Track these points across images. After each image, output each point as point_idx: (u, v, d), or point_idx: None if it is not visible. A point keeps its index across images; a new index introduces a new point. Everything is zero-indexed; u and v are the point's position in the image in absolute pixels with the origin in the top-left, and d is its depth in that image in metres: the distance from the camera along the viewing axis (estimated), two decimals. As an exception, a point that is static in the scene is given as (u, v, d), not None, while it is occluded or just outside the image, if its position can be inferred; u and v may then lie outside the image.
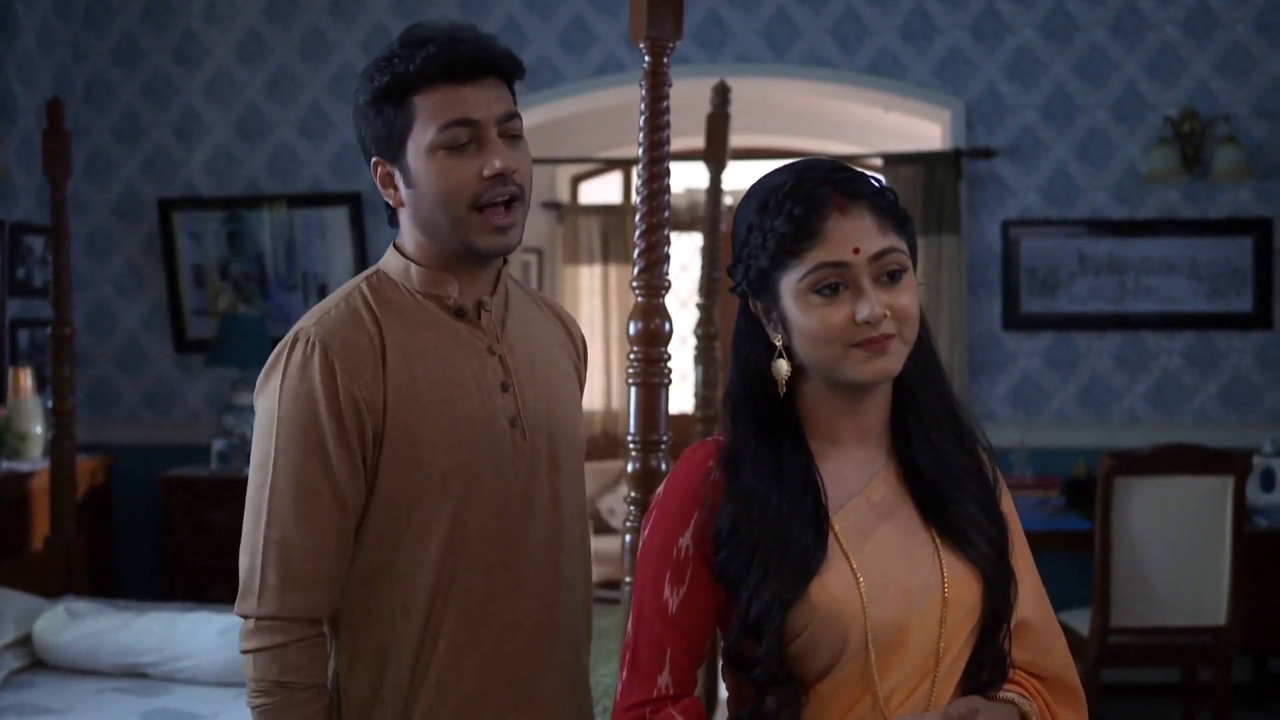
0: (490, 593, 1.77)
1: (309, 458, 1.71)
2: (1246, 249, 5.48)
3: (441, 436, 1.74)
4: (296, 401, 1.71)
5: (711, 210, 4.47)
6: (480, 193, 1.74)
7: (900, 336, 1.51)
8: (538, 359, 1.88)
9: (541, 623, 1.81)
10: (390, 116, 1.76)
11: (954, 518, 1.55)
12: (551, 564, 1.83)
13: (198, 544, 5.39)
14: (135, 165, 5.93)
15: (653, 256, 2.41)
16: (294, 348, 1.74)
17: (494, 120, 1.75)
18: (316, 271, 5.82)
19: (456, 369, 1.78)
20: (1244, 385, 5.52)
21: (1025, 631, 1.59)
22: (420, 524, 1.74)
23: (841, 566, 1.50)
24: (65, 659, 3.70)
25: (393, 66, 1.75)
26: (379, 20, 5.79)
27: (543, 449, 1.83)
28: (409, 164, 1.76)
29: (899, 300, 1.50)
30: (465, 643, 1.76)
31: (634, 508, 2.39)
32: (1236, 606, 4.29)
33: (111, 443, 5.84)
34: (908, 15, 5.60)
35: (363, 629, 1.75)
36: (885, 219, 1.52)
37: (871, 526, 1.53)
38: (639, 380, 2.39)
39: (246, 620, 1.73)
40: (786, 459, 1.53)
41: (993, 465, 1.63)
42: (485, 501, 1.77)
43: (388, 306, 1.78)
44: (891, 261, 1.50)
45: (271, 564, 1.71)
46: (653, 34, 2.36)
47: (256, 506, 1.73)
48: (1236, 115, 5.41)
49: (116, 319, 5.98)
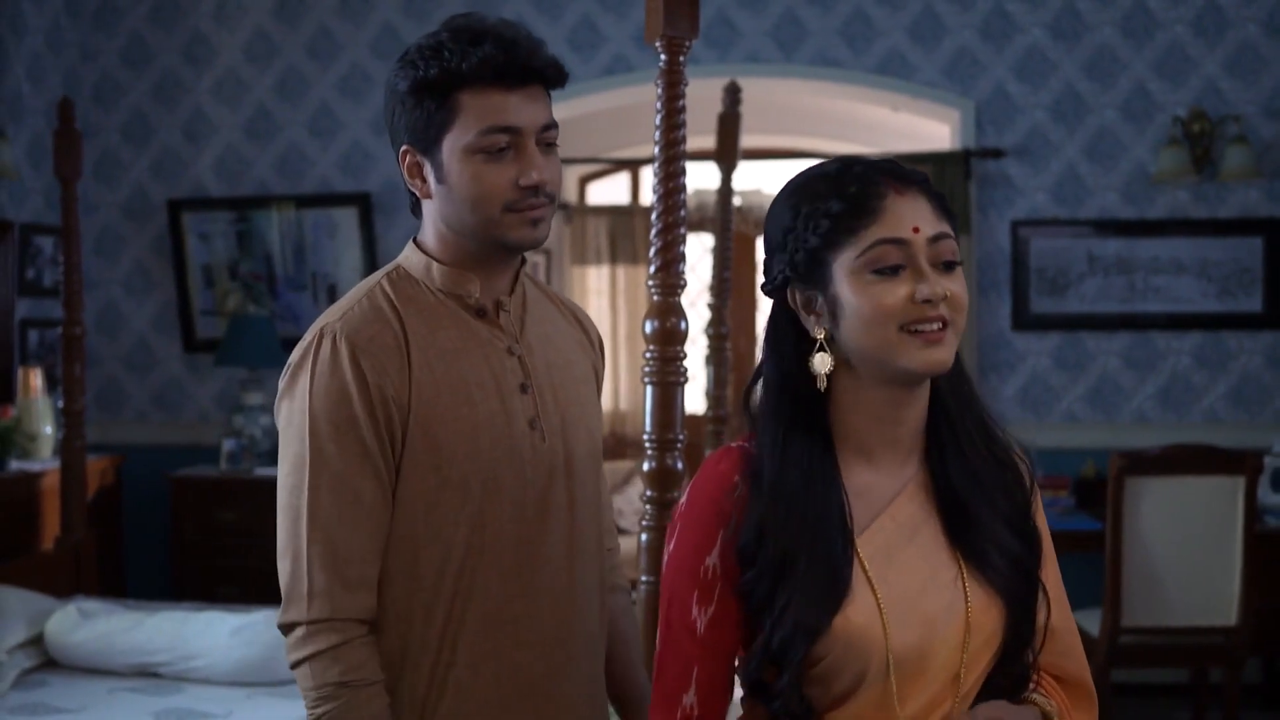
0: (508, 597, 1.75)
1: (347, 454, 1.68)
2: (1256, 249, 5.47)
3: (463, 438, 1.72)
4: (329, 397, 1.68)
5: (722, 210, 4.47)
6: (514, 200, 1.73)
7: (954, 326, 1.45)
8: (555, 361, 1.86)
9: (558, 628, 1.79)
10: (430, 109, 1.73)
11: (980, 539, 1.50)
12: (568, 569, 1.81)
13: (207, 544, 5.39)
14: (144, 165, 5.94)
15: (668, 255, 2.40)
16: (320, 344, 1.71)
17: (535, 129, 1.73)
18: (326, 272, 5.83)
19: (477, 369, 1.76)
20: (1254, 385, 5.52)
21: (1049, 635, 1.56)
22: (440, 527, 1.72)
23: (865, 594, 1.46)
24: (77, 659, 3.70)
25: (442, 59, 1.71)
26: (388, 20, 5.79)
27: (560, 452, 1.81)
28: (443, 160, 1.74)
29: (955, 287, 1.45)
30: (483, 647, 1.74)
31: (651, 506, 2.39)
32: (1247, 607, 4.28)
33: (120, 443, 5.85)
34: (917, 15, 5.60)
35: (380, 632, 1.72)
36: (938, 206, 1.49)
37: (896, 549, 1.49)
38: (655, 379, 2.39)
39: (296, 628, 1.68)
40: (815, 471, 1.48)
41: (1030, 473, 1.59)
42: (504, 505, 1.75)
43: (409, 304, 1.76)
44: (947, 249, 1.46)
45: (319, 566, 1.67)
46: (669, 33, 2.36)
47: (295, 510, 1.69)
48: (1246, 115, 5.41)
49: (125, 319, 5.99)
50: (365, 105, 5.82)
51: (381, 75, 5.77)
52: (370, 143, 5.82)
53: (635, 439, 7.74)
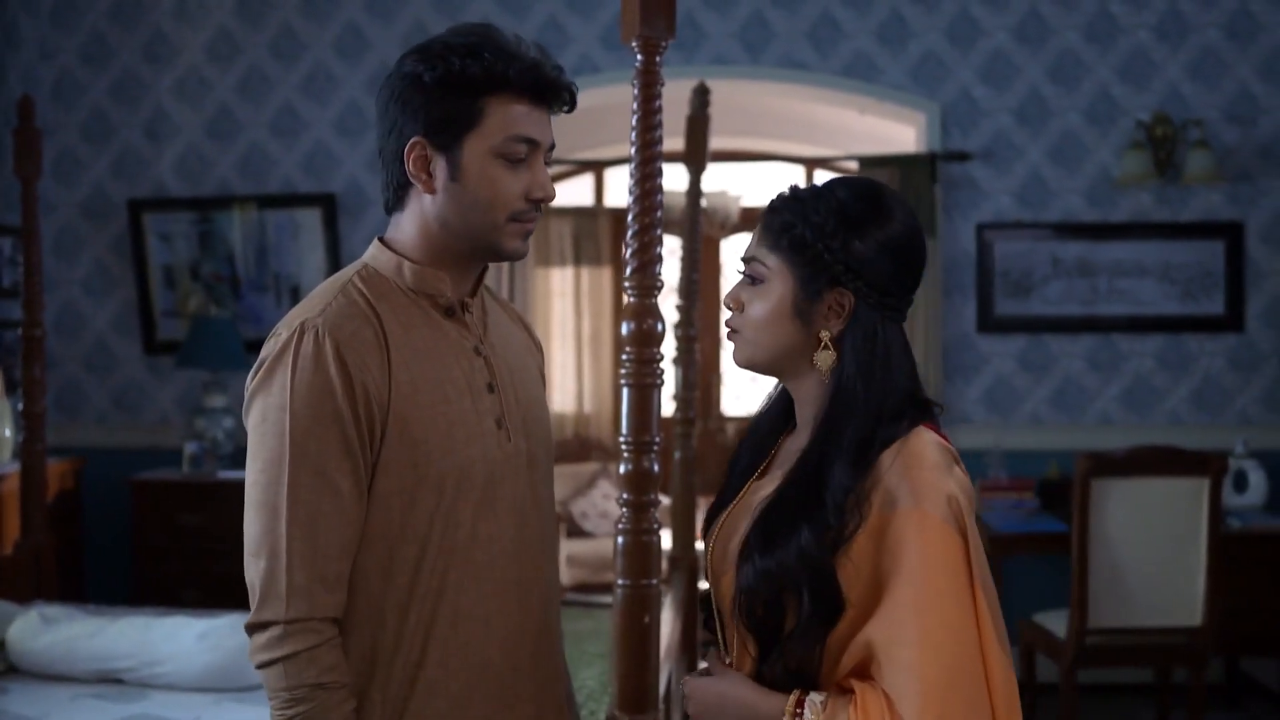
0: (480, 595, 1.77)
1: (328, 450, 1.67)
2: (1218, 252, 5.53)
3: (438, 436, 1.73)
4: (312, 392, 1.67)
5: (691, 212, 4.46)
6: (520, 211, 1.77)
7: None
8: (514, 362, 1.89)
9: (526, 623, 1.82)
10: (455, 105, 1.73)
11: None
12: (535, 565, 1.84)
13: (169, 548, 5.33)
14: (104, 165, 5.87)
15: (645, 256, 2.39)
16: (301, 339, 1.69)
17: (546, 146, 1.80)
18: (289, 273, 5.77)
19: (449, 368, 1.78)
20: (1215, 387, 5.57)
21: (859, 651, 1.55)
22: (415, 525, 1.73)
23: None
24: (39, 665, 3.63)
25: (483, 60, 1.72)
26: (352, 19, 5.75)
27: (524, 451, 1.84)
28: (462, 158, 1.75)
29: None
30: (453, 645, 1.75)
31: (627, 510, 2.37)
32: (1212, 607, 4.32)
33: (80, 445, 5.77)
34: (883, 19, 5.62)
35: (353, 630, 1.73)
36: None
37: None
38: (632, 381, 2.37)
39: (270, 627, 1.66)
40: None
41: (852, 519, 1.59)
42: (476, 504, 1.76)
43: (382, 301, 1.76)
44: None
45: (298, 563, 1.66)
46: (645, 33, 2.34)
47: (271, 507, 1.67)
48: (1208, 119, 5.46)
49: (85, 320, 5.91)
50: (329, 105, 5.77)
51: (346, 75, 5.73)
52: (334, 143, 5.77)
53: (599, 441, 7.73)
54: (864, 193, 1.67)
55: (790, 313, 1.67)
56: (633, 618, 2.35)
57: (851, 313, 1.66)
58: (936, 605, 1.51)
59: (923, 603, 1.51)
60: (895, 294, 1.66)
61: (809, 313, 1.67)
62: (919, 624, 1.51)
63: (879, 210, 1.66)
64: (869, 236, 1.64)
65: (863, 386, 1.63)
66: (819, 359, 1.67)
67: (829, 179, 1.75)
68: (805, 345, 1.68)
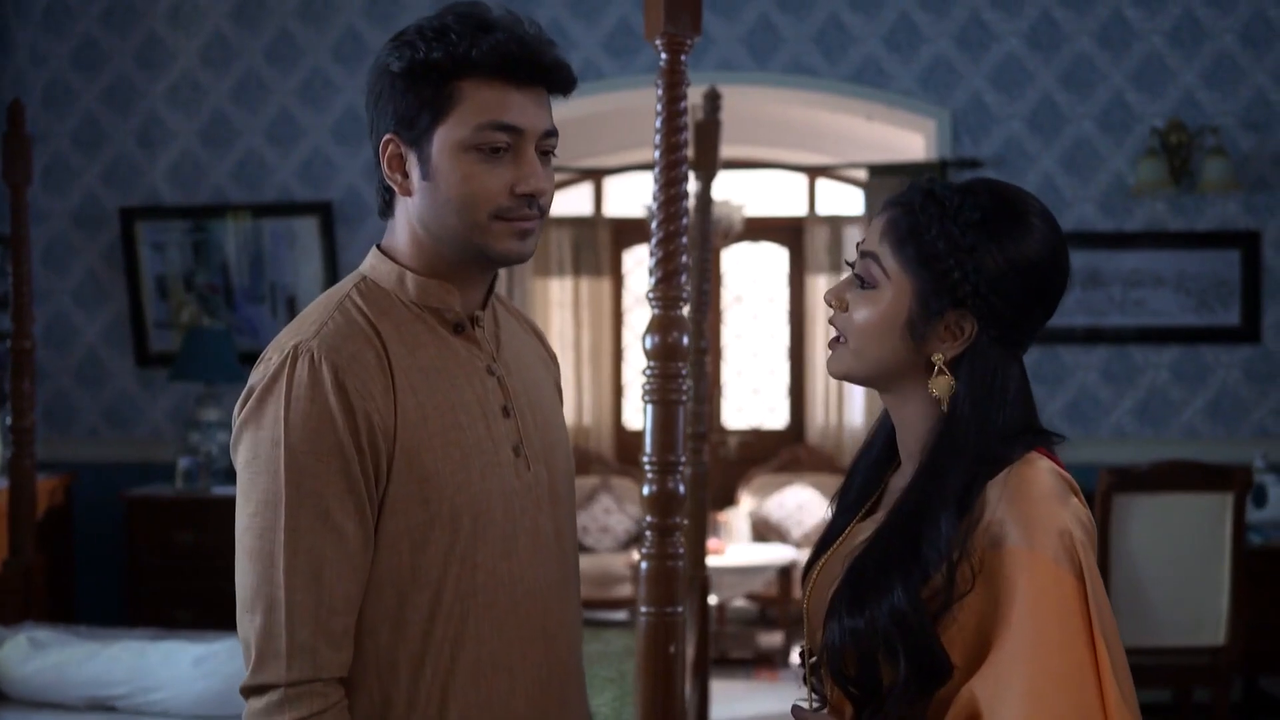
0: (504, 643, 1.59)
1: (330, 489, 1.50)
2: (1234, 262, 5.42)
3: (453, 468, 1.56)
4: (309, 424, 1.49)
5: (702, 220, 4.35)
6: (506, 208, 1.56)
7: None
8: (530, 380, 1.71)
9: (552, 669, 1.65)
10: (424, 95, 1.55)
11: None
12: (559, 605, 1.66)
13: (163, 566, 5.21)
14: (96, 172, 5.74)
15: (670, 266, 2.27)
16: (296, 365, 1.51)
17: (536, 134, 1.58)
18: (285, 283, 5.65)
19: (460, 391, 1.59)
20: (1232, 399, 5.46)
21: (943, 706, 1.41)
22: (428, 568, 1.55)
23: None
24: (28, 691, 3.51)
25: (447, 42, 1.54)
26: (351, 24, 5.63)
27: (545, 479, 1.66)
28: (432, 154, 1.56)
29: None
30: (476, 699, 1.58)
31: (651, 533, 2.25)
32: (1236, 625, 4.22)
33: (70, 460, 5.64)
34: (892, 24, 5.52)
35: (359, 688, 1.55)
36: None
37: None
38: (656, 397, 2.25)
39: (270, 691, 1.48)
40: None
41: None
42: (494, 541, 1.58)
43: (384, 318, 1.58)
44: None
45: (300, 618, 1.48)
46: (670, 29, 2.23)
47: (267, 556, 1.49)
48: (1224, 126, 5.36)
49: (76, 332, 5.78)
50: (326, 112, 5.65)
51: (343, 81, 5.62)
52: (332, 150, 5.65)
53: (598, 454, 7.63)
54: (1008, 199, 1.47)
55: (902, 327, 1.47)
56: (658, 647, 2.24)
57: (971, 339, 1.46)
58: (1046, 658, 1.33)
59: (1031, 655, 1.34)
60: (1022, 327, 1.47)
61: (923, 332, 1.46)
62: (1027, 680, 1.33)
63: (1017, 223, 1.45)
64: (1003, 254, 1.43)
65: (975, 425, 1.44)
66: (935, 385, 1.46)
67: (970, 179, 1.52)
68: (913, 365, 1.48)
